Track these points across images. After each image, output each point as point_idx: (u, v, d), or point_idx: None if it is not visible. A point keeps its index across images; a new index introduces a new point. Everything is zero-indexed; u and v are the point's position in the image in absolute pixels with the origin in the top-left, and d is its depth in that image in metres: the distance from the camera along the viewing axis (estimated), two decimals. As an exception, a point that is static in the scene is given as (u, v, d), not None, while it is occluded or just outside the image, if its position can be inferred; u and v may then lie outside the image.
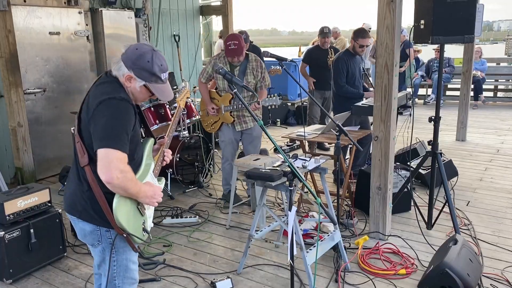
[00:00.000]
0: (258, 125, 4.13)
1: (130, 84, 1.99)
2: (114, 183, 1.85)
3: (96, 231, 2.06)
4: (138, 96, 2.05)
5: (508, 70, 10.89)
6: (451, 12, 3.32)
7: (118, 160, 1.84)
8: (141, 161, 2.12)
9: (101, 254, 2.14)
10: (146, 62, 1.95)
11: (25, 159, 5.39)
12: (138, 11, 7.01)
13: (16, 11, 5.19)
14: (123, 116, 1.90)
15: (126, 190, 1.91)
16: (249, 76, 4.29)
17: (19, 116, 5.28)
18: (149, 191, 2.03)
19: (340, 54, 5.11)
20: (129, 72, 1.97)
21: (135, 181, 1.94)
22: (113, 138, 1.85)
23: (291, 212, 2.45)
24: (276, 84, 8.44)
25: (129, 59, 1.97)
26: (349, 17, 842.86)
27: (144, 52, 1.97)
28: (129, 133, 1.91)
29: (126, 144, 1.89)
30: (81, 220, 2.06)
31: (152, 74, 1.97)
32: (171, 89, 2.11)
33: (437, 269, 2.79)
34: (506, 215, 4.21)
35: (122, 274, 2.19)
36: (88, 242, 2.15)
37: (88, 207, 2.01)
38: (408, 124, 3.78)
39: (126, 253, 2.15)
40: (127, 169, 1.88)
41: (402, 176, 4.15)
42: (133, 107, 1.96)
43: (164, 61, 2.03)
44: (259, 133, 4.50)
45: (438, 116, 3.69)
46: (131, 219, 2.03)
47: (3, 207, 3.18)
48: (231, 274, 3.31)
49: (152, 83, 2.00)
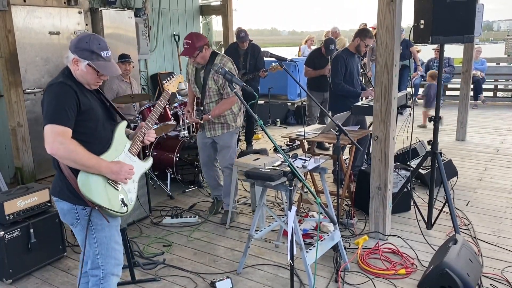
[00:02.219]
0: (228, 134, 4.07)
1: (78, 67, 2.18)
2: (57, 154, 2.06)
3: (73, 209, 2.23)
4: (88, 77, 2.21)
5: (508, 70, 10.89)
6: (451, 12, 3.32)
7: (56, 133, 2.03)
8: (111, 141, 2.28)
9: (81, 232, 2.28)
10: (85, 43, 2.17)
11: (25, 159, 5.39)
12: (138, 11, 7.01)
13: (16, 11, 5.19)
14: (60, 95, 2.10)
15: (75, 161, 2.08)
16: (210, 81, 3.93)
17: (19, 116, 5.28)
18: (114, 167, 2.18)
19: (339, 52, 5.10)
20: (73, 55, 2.18)
21: (85, 153, 2.09)
22: (51, 115, 2.05)
23: (291, 212, 2.45)
24: (276, 84, 8.47)
25: (72, 45, 2.20)
26: (349, 17, 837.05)
27: (84, 36, 2.20)
28: (69, 110, 2.08)
29: (67, 119, 2.07)
30: (60, 199, 2.24)
31: (91, 52, 2.16)
32: (116, 66, 2.30)
33: (437, 269, 2.79)
34: (506, 215, 4.21)
35: (104, 253, 2.30)
36: (68, 221, 2.29)
37: (64, 187, 2.20)
38: (408, 124, 3.78)
39: (106, 231, 2.28)
40: (68, 141, 2.05)
41: (402, 176, 4.15)
42: (71, 88, 2.12)
43: (103, 42, 2.22)
44: (226, 142, 4.12)
45: (438, 116, 3.69)
46: (102, 192, 2.17)
47: (3, 207, 3.18)
48: (231, 274, 3.31)
49: (94, 61, 2.18)
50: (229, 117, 4.04)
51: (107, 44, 2.24)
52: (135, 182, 2.37)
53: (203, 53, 3.88)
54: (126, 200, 2.30)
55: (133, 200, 2.36)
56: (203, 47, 3.85)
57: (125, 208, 2.28)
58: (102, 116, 2.27)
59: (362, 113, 4.71)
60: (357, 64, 5.13)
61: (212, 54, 3.98)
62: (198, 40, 3.83)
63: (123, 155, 2.31)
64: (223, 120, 4.03)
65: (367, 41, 4.90)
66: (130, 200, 2.33)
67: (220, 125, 4.07)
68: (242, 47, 6.28)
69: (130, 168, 2.26)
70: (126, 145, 2.35)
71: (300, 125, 7.76)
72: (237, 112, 4.09)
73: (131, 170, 2.27)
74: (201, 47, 3.84)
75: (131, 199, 2.34)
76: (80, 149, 2.07)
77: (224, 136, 4.09)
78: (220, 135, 4.08)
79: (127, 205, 2.30)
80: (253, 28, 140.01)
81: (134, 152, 2.37)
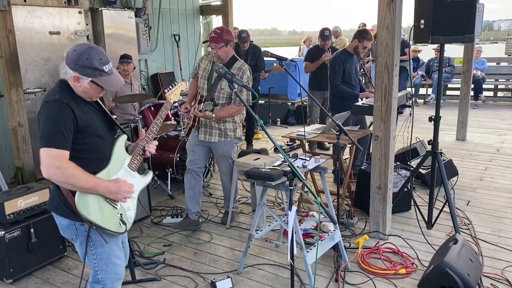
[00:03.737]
0: (226, 143, 3.86)
1: (79, 83, 2.09)
2: (54, 179, 2.01)
3: (71, 225, 2.17)
4: (91, 92, 2.13)
5: (508, 70, 10.89)
6: (451, 12, 3.32)
7: (52, 157, 1.98)
8: (109, 157, 2.20)
9: (80, 248, 2.24)
10: (85, 60, 2.05)
11: (25, 159, 5.39)
12: (138, 11, 7.01)
13: (16, 11, 5.19)
14: (56, 116, 2.02)
15: (73, 185, 2.02)
16: (224, 82, 3.72)
17: (19, 116, 5.28)
18: (112, 187, 2.11)
19: (337, 54, 5.11)
20: (74, 73, 2.07)
21: (82, 176, 2.02)
22: (47, 138, 2.00)
23: (291, 211, 2.45)
24: (276, 84, 8.47)
25: (70, 61, 2.08)
26: (349, 17, 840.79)
27: (82, 52, 2.07)
28: (66, 131, 2.01)
29: (63, 141, 2.00)
30: (58, 215, 2.18)
31: (94, 69, 2.07)
32: (119, 77, 2.21)
33: (437, 269, 2.79)
34: (506, 214, 4.21)
35: (104, 268, 2.25)
36: (68, 236, 2.24)
37: (61, 203, 2.13)
38: (408, 124, 3.78)
39: (105, 246, 2.21)
40: (65, 165, 1.99)
41: (402, 175, 4.15)
42: (68, 106, 2.03)
43: (103, 55, 2.12)
44: (226, 152, 3.93)
45: (438, 115, 3.69)
46: (99, 212, 2.10)
47: (3, 206, 3.19)
48: (231, 273, 3.31)
49: (97, 78, 2.09)
50: (229, 125, 3.86)
51: (107, 56, 2.14)
52: (134, 199, 2.30)
53: (227, 48, 3.76)
54: (125, 218, 2.23)
55: (132, 217, 2.28)
56: (229, 43, 3.75)
57: (123, 227, 2.21)
58: (102, 129, 2.19)
59: (362, 113, 4.71)
60: (356, 65, 5.14)
61: (234, 57, 3.87)
62: (227, 33, 3.77)
63: (123, 171, 2.23)
64: (223, 127, 3.85)
65: (365, 43, 4.91)
66: (129, 218, 2.26)
67: (218, 131, 3.85)
68: (243, 47, 6.29)
69: (130, 186, 2.19)
70: (125, 160, 2.26)
71: (300, 125, 7.76)
72: (238, 122, 3.94)
73: (131, 189, 2.20)
74: (228, 42, 3.74)
75: (130, 216, 2.27)
76: (77, 172, 2.00)
77: (222, 145, 3.90)
78: (217, 142, 3.87)
79: (126, 224, 2.23)
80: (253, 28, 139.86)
81: (134, 168, 2.29)
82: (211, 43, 3.76)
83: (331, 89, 5.10)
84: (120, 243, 2.33)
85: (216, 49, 3.74)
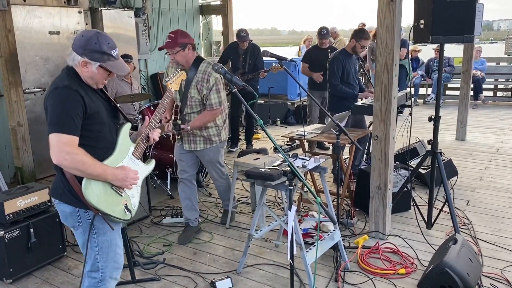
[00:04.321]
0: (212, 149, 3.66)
1: (87, 68, 2.11)
2: (63, 165, 2.01)
3: (75, 212, 2.17)
4: (98, 77, 2.15)
5: (508, 70, 10.89)
6: (451, 12, 3.32)
7: (62, 143, 1.97)
8: (115, 144, 2.23)
9: (82, 235, 2.24)
10: (94, 44, 2.08)
11: (25, 159, 5.39)
12: (138, 11, 7.01)
13: (16, 11, 5.19)
14: (66, 101, 2.02)
15: (81, 171, 2.03)
16: (193, 90, 3.53)
17: (19, 115, 5.28)
18: (119, 174, 2.14)
19: (336, 54, 5.11)
20: (82, 58, 2.08)
21: (91, 163, 2.04)
22: (56, 123, 1.99)
23: (291, 211, 2.45)
24: (276, 83, 8.47)
25: (78, 46, 2.09)
26: (349, 17, 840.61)
27: (90, 36, 2.10)
28: (75, 117, 2.01)
29: (74, 127, 2.01)
30: (61, 202, 2.18)
31: (103, 53, 2.10)
32: (124, 63, 2.24)
33: (437, 269, 2.79)
34: (506, 214, 4.21)
35: (105, 257, 2.27)
36: (69, 224, 2.25)
37: (66, 189, 2.14)
38: (407, 124, 3.78)
39: (107, 235, 2.24)
40: (75, 151, 1.99)
41: (401, 175, 4.15)
42: (77, 93, 2.04)
43: (111, 40, 2.15)
44: (212, 158, 3.76)
45: (438, 115, 3.69)
46: (105, 198, 2.13)
47: (3, 206, 3.18)
48: (231, 273, 3.31)
49: (106, 62, 2.11)
50: (212, 130, 3.66)
51: (113, 41, 2.17)
52: (138, 187, 2.33)
53: (185, 52, 3.49)
54: (130, 205, 2.27)
55: (136, 205, 2.33)
56: (186, 46, 3.47)
57: (128, 214, 2.25)
58: (108, 117, 2.21)
59: (362, 113, 4.71)
60: (355, 65, 5.13)
61: (198, 59, 3.58)
62: (182, 36, 3.48)
63: (127, 159, 2.26)
64: (206, 134, 3.65)
65: (362, 42, 4.91)
66: (133, 205, 2.30)
67: (202, 139, 3.67)
68: (242, 46, 6.29)
69: (135, 173, 2.23)
70: (130, 148, 2.30)
71: (300, 124, 7.76)
72: (221, 125, 3.71)
73: (136, 176, 2.24)
74: (184, 45, 3.46)
75: (134, 204, 2.31)
76: (86, 158, 2.02)
77: (208, 152, 3.72)
78: (202, 150, 3.70)
79: (131, 211, 2.27)
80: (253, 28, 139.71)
81: (137, 155, 2.32)
82: (167, 50, 3.53)
83: (330, 89, 5.10)
84: (120, 232, 2.37)
85: (173, 55, 3.50)
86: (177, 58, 3.51)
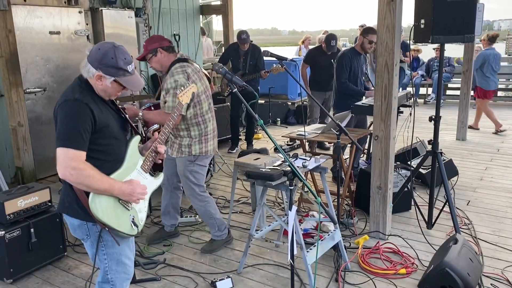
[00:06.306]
0: (182, 159, 3.44)
1: (101, 82, 2.08)
2: (69, 180, 1.98)
3: (83, 225, 2.15)
4: (111, 91, 2.13)
5: (508, 70, 10.88)
6: (451, 12, 3.32)
7: (69, 158, 1.95)
8: (123, 158, 2.19)
9: (91, 248, 2.22)
10: (110, 59, 2.05)
11: (26, 159, 5.39)
12: (139, 11, 7.01)
13: (16, 11, 5.19)
14: (75, 115, 1.99)
15: (88, 186, 2.00)
16: (163, 92, 3.38)
17: (20, 115, 5.28)
18: (126, 189, 2.10)
19: (345, 51, 5.11)
20: (97, 71, 2.05)
21: (98, 178, 2.01)
22: (64, 138, 1.96)
23: (291, 211, 2.45)
24: (276, 83, 8.47)
25: (94, 60, 2.06)
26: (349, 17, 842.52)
27: (107, 51, 2.06)
28: (84, 132, 1.99)
29: (81, 142, 1.98)
30: (68, 216, 2.16)
31: (118, 69, 2.07)
32: (140, 78, 2.22)
33: (438, 269, 2.79)
34: (506, 214, 4.21)
35: (114, 268, 2.25)
36: (79, 236, 2.23)
37: (73, 203, 2.11)
38: (408, 124, 3.78)
39: (116, 247, 2.20)
40: (81, 166, 1.97)
41: (402, 175, 4.15)
42: (88, 107, 2.02)
43: (128, 55, 2.13)
44: (181, 171, 3.52)
45: (438, 115, 3.69)
46: (112, 213, 2.09)
47: (4, 206, 3.18)
48: (231, 273, 3.31)
49: (120, 77, 2.09)
50: (184, 140, 3.43)
51: (130, 56, 2.14)
52: (146, 201, 2.29)
53: (158, 57, 3.36)
54: (137, 220, 2.22)
55: (143, 219, 2.28)
56: (156, 50, 3.33)
57: (135, 229, 2.20)
58: (117, 130, 2.18)
59: (362, 113, 4.71)
60: (362, 64, 5.12)
61: (176, 61, 3.39)
62: (151, 42, 3.38)
63: (136, 172, 2.23)
64: (179, 141, 3.46)
65: (369, 37, 4.88)
66: (140, 220, 2.25)
67: (177, 146, 3.46)
68: (243, 48, 6.30)
69: (143, 188, 2.19)
70: (139, 161, 2.26)
71: (301, 124, 7.75)
72: (195, 138, 3.42)
73: (144, 191, 2.20)
74: (154, 50, 3.34)
75: (141, 218, 2.26)
76: (93, 173, 1.99)
77: (178, 161, 3.51)
78: (176, 157, 3.50)
79: (138, 226, 2.22)
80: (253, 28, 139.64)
81: (146, 169, 2.28)
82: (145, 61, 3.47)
83: (337, 86, 5.08)
84: (130, 243, 2.32)
85: (150, 63, 3.44)
86: (152, 66, 3.44)
